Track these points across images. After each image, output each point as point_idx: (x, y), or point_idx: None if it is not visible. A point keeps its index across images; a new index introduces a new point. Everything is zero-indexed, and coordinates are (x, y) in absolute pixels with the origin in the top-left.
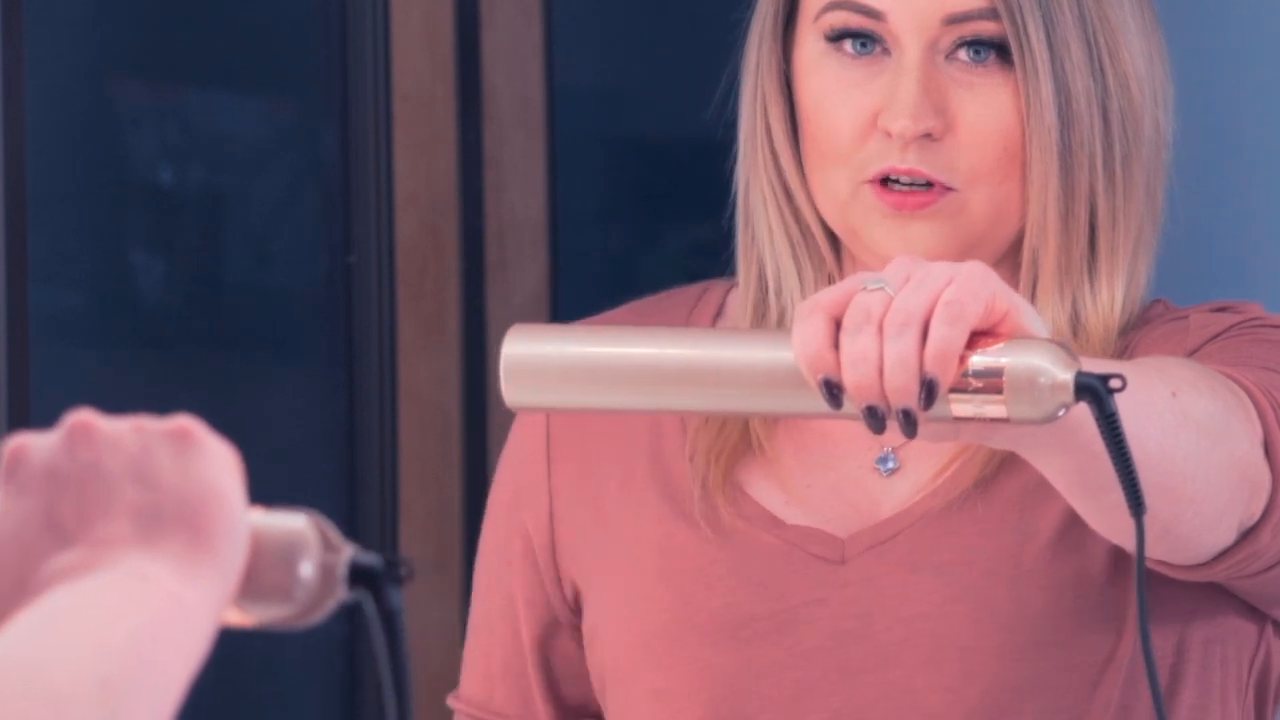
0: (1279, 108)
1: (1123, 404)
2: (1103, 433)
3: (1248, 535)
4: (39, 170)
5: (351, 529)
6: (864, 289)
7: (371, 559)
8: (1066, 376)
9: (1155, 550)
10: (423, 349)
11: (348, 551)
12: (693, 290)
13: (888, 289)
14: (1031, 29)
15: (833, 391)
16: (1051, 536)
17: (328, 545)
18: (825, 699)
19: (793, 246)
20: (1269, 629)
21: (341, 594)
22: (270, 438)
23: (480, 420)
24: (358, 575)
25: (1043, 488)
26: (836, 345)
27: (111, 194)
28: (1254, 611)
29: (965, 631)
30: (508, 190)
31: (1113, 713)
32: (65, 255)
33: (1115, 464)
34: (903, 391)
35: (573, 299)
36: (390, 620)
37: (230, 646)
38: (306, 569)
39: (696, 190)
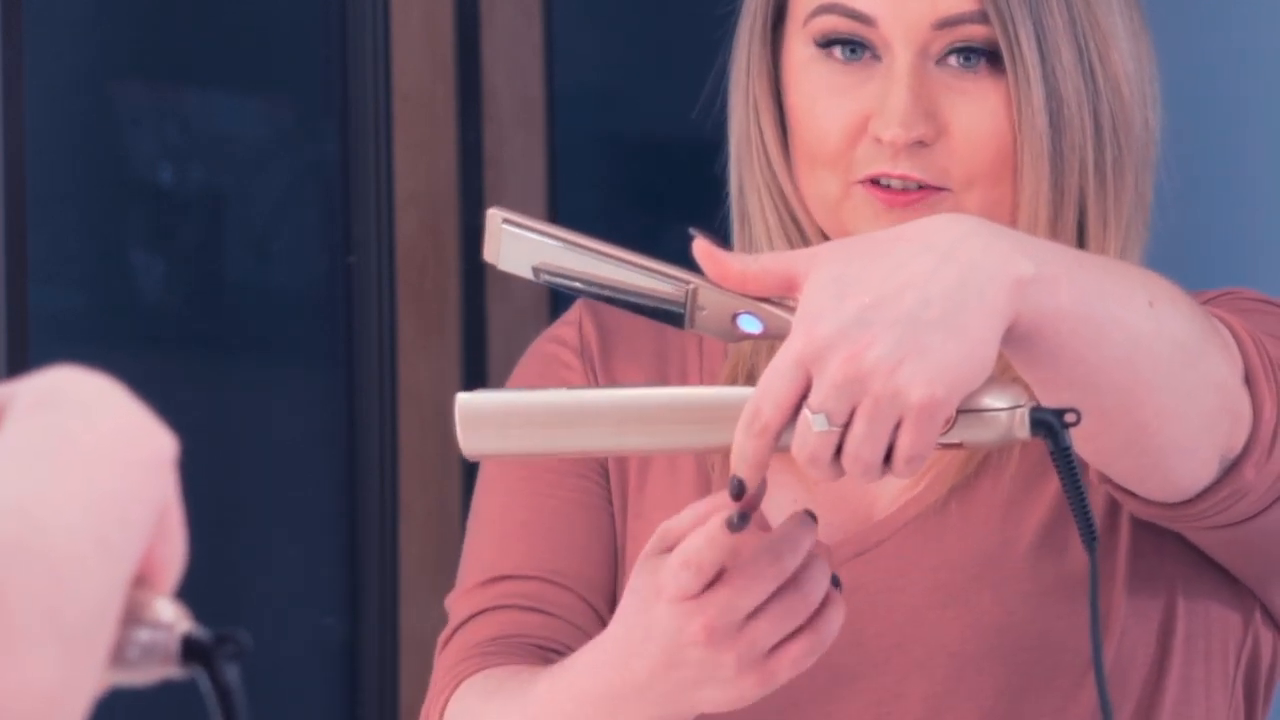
0: (1279, 108)
1: (1098, 293)
2: (1057, 466)
3: (1230, 471)
4: (39, 170)
5: (351, 529)
6: (807, 421)
7: (205, 635)
8: (1022, 413)
9: (1131, 478)
10: (423, 349)
11: (182, 626)
12: None
13: (831, 424)
14: (1022, 34)
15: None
16: (1034, 540)
17: (161, 620)
18: (819, 705)
19: (791, 246)
20: (1256, 618)
21: (173, 669)
22: (270, 438)
23: None
24: (191, 651)
25: (1024, 492)
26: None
27: (111, 194)
28: (1239, 601)
29: (952, 636)
30: (508, 190)
31: (1097, 713)
32: (65, 255)
33: (1069, 497)
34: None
35: (572, 300)
36: (225, 697)
37: None
38: (142, 636)
39: (696, 190)
